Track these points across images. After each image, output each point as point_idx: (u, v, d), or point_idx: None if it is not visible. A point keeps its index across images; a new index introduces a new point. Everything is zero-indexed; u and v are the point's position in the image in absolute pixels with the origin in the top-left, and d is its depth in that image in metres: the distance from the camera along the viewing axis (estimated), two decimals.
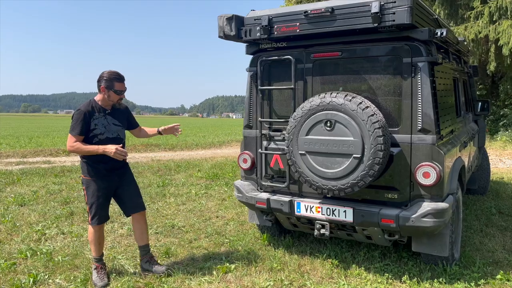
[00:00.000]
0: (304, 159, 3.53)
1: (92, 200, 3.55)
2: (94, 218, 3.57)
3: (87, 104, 3.51)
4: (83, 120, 3.41)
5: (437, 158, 3.33)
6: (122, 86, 3.52)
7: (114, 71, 3.51)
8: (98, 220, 3.59)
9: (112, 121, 3.59)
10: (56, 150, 12.98)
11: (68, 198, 6.52)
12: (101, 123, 3.51)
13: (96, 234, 3.62)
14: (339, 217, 3.62)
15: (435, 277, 3.56)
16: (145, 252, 3.80)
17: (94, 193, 3.54)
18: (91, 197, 3.55)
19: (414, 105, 3.37)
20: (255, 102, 4.12)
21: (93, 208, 3.56)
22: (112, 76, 3.47)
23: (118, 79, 3.49)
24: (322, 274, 3.72)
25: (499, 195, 6.53)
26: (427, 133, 3.34)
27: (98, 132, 3.49)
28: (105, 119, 3.54)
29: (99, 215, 3.59)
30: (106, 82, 3.45)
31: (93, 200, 3.54)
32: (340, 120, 3.34)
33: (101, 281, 3.53)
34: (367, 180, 3.28)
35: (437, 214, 3.29)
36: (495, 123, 15.78)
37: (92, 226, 3.61)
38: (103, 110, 3.54)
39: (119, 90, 3.51)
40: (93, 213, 3.57)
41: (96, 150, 3.39)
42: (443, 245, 3.57)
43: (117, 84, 3.48)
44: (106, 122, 3.54)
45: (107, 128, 3.53)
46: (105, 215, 3.65)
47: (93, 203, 3.55)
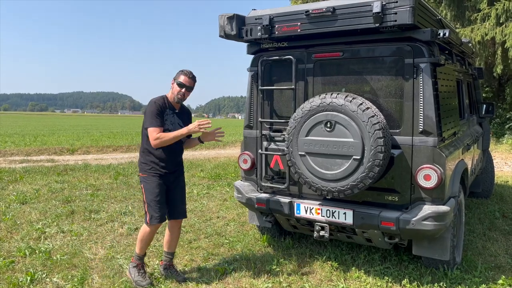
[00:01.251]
0: (303, 160, 3.49)
1: (151, 197, 3.41)
2: (153, 217, 3.40)
3: (161, 98, 3.47)
4: (159, 112, 3.37)
5: (438, 161, 3.28)
6: (186, 80, 3.45)
7: (186, 70, 3.51)
8: (158, 218, 3.40)
9: (178, 121, 3.54)
10: (60, 149, 13.04)
11: (69, 197, 6.53)
12: (170, 120, 3.48)
13: (150, 234, 3.49)
14: (339, 219, 3.58)
15: (436, 281, 3.51)
16: (168, 259, 3.71)
17: (153, 190, 3.41)
18: (149, 194, 3.41)
19: (415, 106, 3.32)
20: (255, 102, 4.09)
21: (152, 205, 3.41)
22: (182, 70, 3.50)
23: (185, 74, 3.47)
24: (321, 277, 3.68)
25: (503, 198, 6.45)
26: (429, 135, 3.29)
27: (166, 127, 3.44)
28: (173, 117, 3.51)
29: (159, 213, 3.41)
30: (175, 75, 3.49)
31: (152, 197, 3.40)
32: (340, 121, 3.30)
33: (145, 280, 3.47)
34: (367, 182, 3.23)
35: (438, 218, 3.24)
36: (501, 126, 15.61)
37: (149, 226, 3.44)
38: (172, 108, 3.52)
39: (182, 82, 3.43)
40: (153, 211, 3.40)
41: (181, 133, 3.37)
42: (444, 248, 3.52)
43: (182, 77, 3.45)
44: (174, 120, 3.51)
45: (174, 126, 3.48)
46: (164, 213, 3.48)
47: (152, 200, 3.40)
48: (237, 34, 3.80)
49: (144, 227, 3.51)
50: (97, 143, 15.02)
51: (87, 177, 8.45)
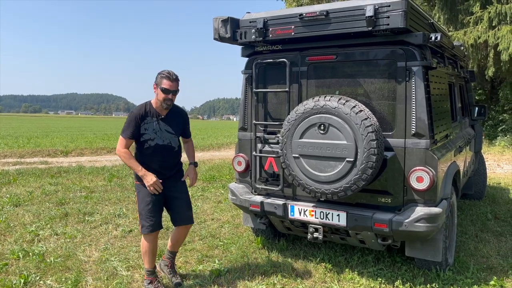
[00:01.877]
0: (297, 162, 3.52)
1: (142, 205, 3.33)
2: (144, 226, 3.32)
3: (141, 107, 3.35)
4: (134, 123, 3.27)
5: (430, 163, 3.31)
6: (170, 85, 3.27)
7: (166, 70, 3.34)
8: (149, 228, 3.31)
9: (165, 127, 3.39)
10: (54, 151, 12.98)
11: (63, 199, 6.51)
12: (152, 128, 3.33)
13: (149, 244, 3.37)
14: (333, 221, 3.61)
15: (428, 282, 3.54)
16: (170, 257, 3.72)
17: (144, 199, 3.33)
18: (142, 204, 3.34)
19: (408, 109, 3.36)
20: (250, 105, 4.11)
21: (143, 214, 3.33)
22: (162, 73, 3.30)
23: (167, 77, 3.28)
24: (315, 278, 3.70)
25: (495, 200, 6.51)
26: (421, 137, 3.33)
27: (148, 137, 3.32)
28: (157, 124, 3.35)
29: (150, 223, 3.31)
30: (156, 79, 3.32)
31: (143, 206, 3.33)
32: (334, 123, 3.32)
33: None
34: (360, 184, 3.26)
35: (430, 219, 3.27)
36: (494, 128, 15.77)
37: (143, 236, 3.38)
38: (156, 115, 3.36)
39: (166, 88, 3.27)
40: (144, 220, 3.32)
41: (137, 171, 3.27)
42: (436, 250, 3.56)
43: (164, 82, 3.27)
44: (158, 127, 3.35)
45: (158, 134, 3.35)
46: (157, 222, 3.36)
47: (143, 209, 3.33)
48: (231, 37, 3.82)
49: (142, 239, 3.43)
50: (91, 145, 14.96)
51: (81, 179, 8.43)
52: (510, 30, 12.30)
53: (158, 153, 3.37)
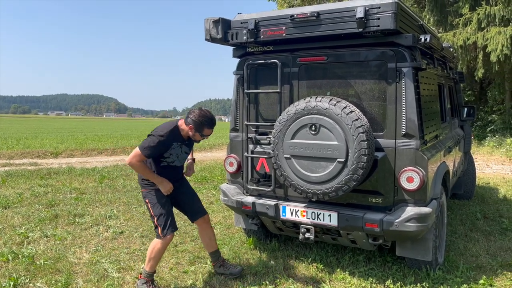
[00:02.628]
0: (289, 163, 3.53)
1: (158, 209, 3.37)
2: (165, 228, 3.32)
3: (170, 133, 3.33)
4: (160, 147, 3.28)
5: (420, 163, 3.35)
6: (210, 131, 3.43)
7: (206, 115, 3.34)
8: (171, 228, 3.35)
9: (185, 149, 3.53)
10: (43, 152, 12.84)
11: (53, 201, 6.45)
12: (176, 153, 3.45)
13: (162, 248, 3.37)
14: (324, 221, 3.62)
15: (419, 282, 3.57)
16: (216, 257, 3.72)
17: (159, 201, 3.39)
18: (156, 208, 3.38)
19: (398, 110, 3.39)
20: (241, 106, 4.11)
21: (162, 217, 3.35)
22: (204, 121, 3.33)
23: (209, 125, 3.37)
24: (306, 278, 3.71)
25: (484, 200, 6.59)
26: (411, 138, 3.36)
27: (170, 160, 3.45)
28: (180, 148, 3.48)
29: (170, 223, 3.37)
30: (196, 125, 3.33)
31: (159, 209, 3.37)
32: (325, 124, 3.34)
33: None
34: (351, 184, 3.28)
35: (420, 219, 3.30)
36: (483, 129, 15.96)
37: (163, 238, 3.33)
38: (181, 140, 3.46)
39: (207, 135, 3.42)
40: (164, 222, 3.34)
41: (154, 179, 3.35)
42: (426, 249, 3.59)
43: (206, 130, 3.38)
44: (180, 151, 3.48)
45: (179, 157, 3.50)
46: (174, 222, 3.44)
47: (161, 212, 3.37)
48: (222, 38, 3.82)
49: (156, 242, 3.37)
50: (82, 146, 14.83)
51: (71, 180, 8.35)
52: (499, 31, 12.47)
53: (173, 170, 3.52)
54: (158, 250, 3.37)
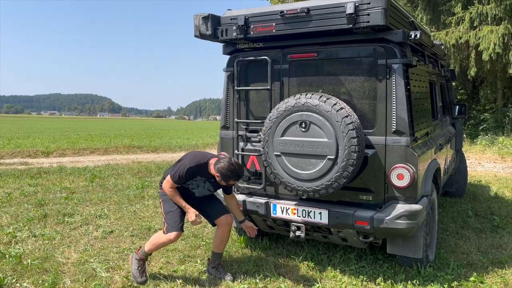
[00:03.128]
0: (279, 160, 3.50)
1: (168, 208, 3.53)
2: (169, 226, 3.45)
3: (199, 166, 3.46)
4: (187, 176, 3.43)
5: (411, 160, 3.33)
6: (235, 182, 3.55)
7: (234, 169, 3.38)
8: (175, 228, 3.45)
9: (208, 187, 3.61)
10: (34, 152, 12.71)
11: (43, 200, 6.37)
12: (197, 185, 3.56)
13: (164, 243, 3.53)
14: (315, 219, 3.60)
15: (409, 279, 3.56)
16: (216, 259, 3.73)
17: (171, 203, 3.54)
18: (167, 206, 3.55)
19: (388, 106, 3.37)
20: (231, 103, 4.08)
21: (169, 215, 3.49)
22: (231, 175, 3.38)
23: (235, 178, 3.44)
24: (297, 277, 3.69)
25: (476, 197, 6.61)
26: (401, 135, 3.34)
27: (191, 187, 3.58)
28: (204, 183, 3.57)
29: (176, 223, 3.47)
30: (223, 176, 3.39)
31: (169, 208, 3.53)
32: (315, 121, 3.32)
33: (141, 277, 3.53)
34: (341, 181, 3.26)
35: (410, 216, 3.29)
36: (475, 128, 16.03)
37: (166, 234, 3.45)
38: (207, 177, 3.53)
39: (231, 184, 3.53)
40: (170, 220, 3.47)
41: (182, 206, 3.48)
42: (417, 247, 3.58)
43: (231, 181, 3.46)
44: (203, 186, 3.58)
45: (199, 190, 3.60)
46: (181, 224, 3.51)
47: (170, 210, 3.52)
48: (212, 34, 3.78)
49: (160, 234, 3.52)
50: (74, 146, 14.70)
51: (61, 180, 8.26)
52: (491, 30, 12.52)
53: (189, 196, 3.61)
54: (160, 242, 3.52)
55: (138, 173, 9.26)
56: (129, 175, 9.00)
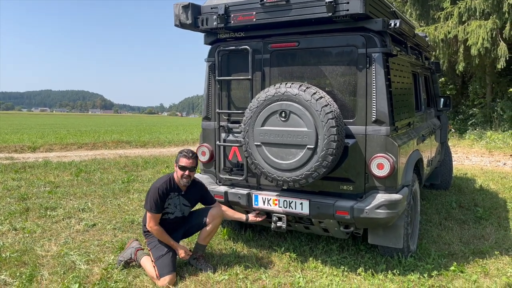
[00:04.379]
0: (259, 151, 3.47)
1: (158, 253, 3.46)
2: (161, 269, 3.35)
3: (165, 183, 3.50)
4: (159, 199, 3.43)
5: (391, 150, 3.32)
6: (187, 162, 3.49)
7: (184, 149, 3.58)
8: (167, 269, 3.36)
9: (183, 201, 3.62)
10: (21, 147, 12.54)
11: (25, 194, 6.28)
12: (174, 203, 3.57)
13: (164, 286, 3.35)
14: (296, 209, 3.58)
15: (390, 269, 3.55)
16: (198, 250, 3.71)
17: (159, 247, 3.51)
18: (157, 252, 3.49)
19: (368, 96, 3.36)
20: (213, 93, 4.04)
21: (160, 260, 3.40)
22: (181, 152, 3.55)
23: (184, 156, 3.50)
24: (278, 268, 3.67)
25: (461, 190, 6.64)
26: (381, 124, 3.33)
27: (169, 211, 3.56)
28: (178, 199, 3.59)
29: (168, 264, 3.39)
30: (176, 158, 3.56)
31: (159, 253, 3.46)
32: (295, 110, 3.29)
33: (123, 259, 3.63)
34: (321, 171, 3.24)
35: (390, 206, 3.28)
36: (464, 123, 16.15)
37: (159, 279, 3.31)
38: (178, 190, 3.57)
39: (183, 165, 3.48)
40: (160, 264, 3.38)
41: (170, 244, 3.50)
42: (397, 237, 3.58)
43: (182, 160, 3.49)
44: (179, 202, 3.60)
45: (178, 207, 3.60)
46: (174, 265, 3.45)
47: (160, 255, 3.44)
48: (192, 23, 3.74)
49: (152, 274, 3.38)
50: (62, 141, 14.54)
51: (46, 174, 8.16)
52: (479, 25, 12.58)
53: (173, 223, 3.63)
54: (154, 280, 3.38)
55: (124, 167, 9.18)
56: (116, 169, 8.92)
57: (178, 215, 3.63)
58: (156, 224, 3.46)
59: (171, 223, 3.61)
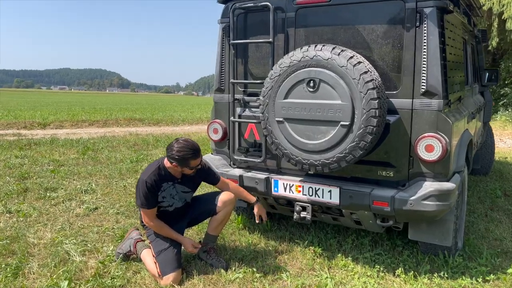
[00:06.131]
0: (281, 128, 2.90)
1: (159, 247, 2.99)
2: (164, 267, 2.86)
3: (153, 173, 2.92)
4: (149, 193, 2.90)
5: (443, 128, 2.71)
6: (197, 161, 2.93)
7: (187, 147, 2.86)
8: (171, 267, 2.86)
9: (181, 188, 3.08)
10: (31, 123, 12.20)
11: (27, 173, 5.85)
12: (170, 195, 3.03)
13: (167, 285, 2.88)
14: (323, 198, 3.02)
15: (435, 271, 2.99)
16: (209, 241, 3.21)
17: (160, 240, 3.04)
18: (157, 246, 3.02)
19: (417, 61, 2.73)
20: (227, 61, 3.46)
21: (162, 255, 2.93)
22: (186, 155, 2.85)
23: (194, 157, 2.88)
24: (301, 265, 3.15)
25: (503, 176, 5.96)
26: (433, 96, 2.71)
27: (166, 204, 3.04)
28: (174, 188, 3.04)
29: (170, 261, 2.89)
30: (180, 162, 2.86)
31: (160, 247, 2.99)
32: (326, 79, 2.69)
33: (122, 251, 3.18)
34: (357, 153, 2.66)
35: (441, 197, 2.69)
36: (495, 103, 15.18)
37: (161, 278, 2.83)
38: (172, 179, 3.02)
39: (193, 167, 2.93)
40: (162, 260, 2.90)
41: (174, 238, 3.01)
42: (445, 232, 3.00)
43: (192, 162, 2.89)
44: (175, 191, 3.05)
45: (175, 198, 3.07)
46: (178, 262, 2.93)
47: (162, 249, 2.97)
48: None
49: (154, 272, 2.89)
50: (73, 118, 14.18)
51: (52, 152, 7.74)
52: None
53: (175, 214, 3.12)
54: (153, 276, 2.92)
55: (134, 146, 8.71)
56: (125, 147, 8.45)
57: (178, 206, 3.10)
58: (152, 219, 2.96)
59: (172, 214, 3.09)
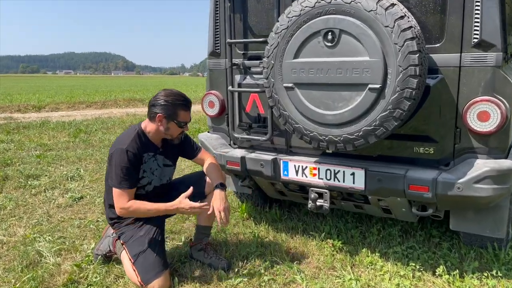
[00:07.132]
0: (291, 96, 2.29)
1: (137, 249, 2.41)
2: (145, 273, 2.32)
3: (133, 140, 2.35)
4: (132, 166, 2.31)
5: (502, 90, 2.09)
6: (187, 115, 2.40)
7: (178, 94, 2.39)
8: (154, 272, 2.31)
9: (164, 161, 2.53)
10: (25, 106, 11.68)
11: (10, 159, 5.32)
12: (150, 169, 2.45)
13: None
14: (344, 182, 2.44)
15: (486, 269, 2.42)
16: (203, 235, 2.65)
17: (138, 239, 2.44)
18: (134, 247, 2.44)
19: (468, 5, 2.08)
20: (222, 16, 2.83)
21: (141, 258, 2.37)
22: (176, 101, 2.35)
23: (184, 106, 2.38)
24: (318, 263, 2.59)
25: None
26: (489, 48, 2.08)
27: (146, 182, 2.45)
28: (155, 160, 2.47)
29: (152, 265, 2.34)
30: (167, 110, 2.33)
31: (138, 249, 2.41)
32: (349, 29, 2.06)
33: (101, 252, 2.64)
34: (390, 125, 2.05)
35: (499, 178, 2.10)
36: None
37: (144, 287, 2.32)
38: (153, 149, 2.45)
39: (184, 121, 2.39)
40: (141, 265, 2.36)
41: (163, 210, 2.36)
42: (498, 222, 2.41)
43: (182, 113, 2.37)
44: (156, 164, 2.48)
45: (155, 173, 2.49)
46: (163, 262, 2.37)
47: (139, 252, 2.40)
48: None
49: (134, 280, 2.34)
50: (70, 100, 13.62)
51: (41, 135, 7.22)
52: None
53: (153, 194, 2.50)
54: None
55: None
56: (120, 129, 7.89)
57: (157, 184, 2.50)
58: (128, 201, 2.31)
59: (149, 198, 2.42)
